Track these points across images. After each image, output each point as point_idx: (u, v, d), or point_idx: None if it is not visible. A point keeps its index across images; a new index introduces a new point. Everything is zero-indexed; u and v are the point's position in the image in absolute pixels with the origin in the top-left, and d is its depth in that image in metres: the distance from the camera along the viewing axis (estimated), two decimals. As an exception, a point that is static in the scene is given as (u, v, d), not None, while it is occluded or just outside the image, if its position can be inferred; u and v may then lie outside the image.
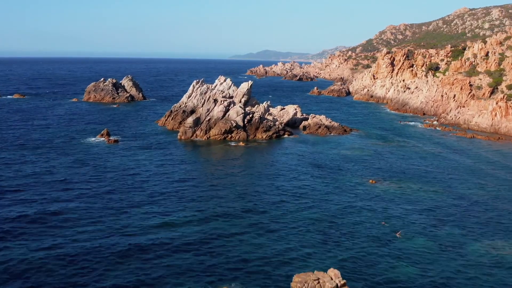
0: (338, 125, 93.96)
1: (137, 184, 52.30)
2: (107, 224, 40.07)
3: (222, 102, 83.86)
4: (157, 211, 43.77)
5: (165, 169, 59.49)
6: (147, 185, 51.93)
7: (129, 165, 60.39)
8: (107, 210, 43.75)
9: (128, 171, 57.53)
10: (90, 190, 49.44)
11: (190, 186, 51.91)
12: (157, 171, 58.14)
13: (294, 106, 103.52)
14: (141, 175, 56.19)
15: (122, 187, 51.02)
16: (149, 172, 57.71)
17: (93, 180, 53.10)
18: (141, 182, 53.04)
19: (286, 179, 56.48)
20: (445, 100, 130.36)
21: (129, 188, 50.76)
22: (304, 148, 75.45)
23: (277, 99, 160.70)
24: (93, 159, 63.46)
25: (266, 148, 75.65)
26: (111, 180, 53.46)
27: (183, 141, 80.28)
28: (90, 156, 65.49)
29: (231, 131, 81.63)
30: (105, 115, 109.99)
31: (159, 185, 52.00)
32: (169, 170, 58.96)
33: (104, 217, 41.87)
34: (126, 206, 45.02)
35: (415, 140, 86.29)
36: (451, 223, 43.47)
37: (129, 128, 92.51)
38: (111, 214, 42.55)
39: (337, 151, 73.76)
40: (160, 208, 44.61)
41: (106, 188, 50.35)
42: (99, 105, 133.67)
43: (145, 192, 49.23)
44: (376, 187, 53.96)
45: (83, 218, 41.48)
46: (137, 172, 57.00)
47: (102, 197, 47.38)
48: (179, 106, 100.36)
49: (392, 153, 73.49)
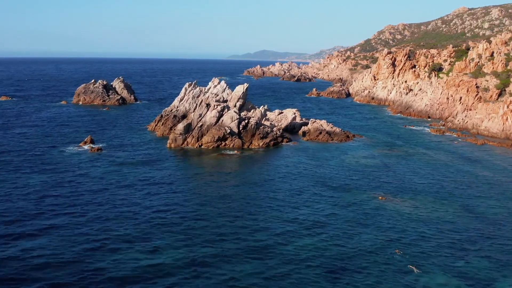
0: (340, 131, 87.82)
1: (115, 209, 45.99)
2: (80, 268, 33.00)
3: (215, 107, 77.63)
4: (141, 248, 37.51)
5: (150, 187, 53.26)
6: (127, 211, 45.68)
7: (109, 182, 53.99)
8: (81, 245, 37.48)
9: (107, 191, 51.23)
10: (61, 221, 43.11)
11: (174, 214, 45.65)
12: (140, 191, 51.89)
13: (293, 110, 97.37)
14: (122, 196, 49.92)
15: (98, 215, 44.75)
16: (132, 191, 51.45)
17: (66, 204, 46.68)
18: (120, 206, 46.78)
19: (285, 195, 50.32)
20: (451, 103, 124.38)
21: (106, 216, 44.51)
22: (304, 158, 69.26)
23: (274, 101, 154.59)
24: (70, 175, 56.95)
25: (263, 157, 69.44)
26: (85, 205, 47.11)
27: (173, 149, 74.03)
28: (67, 171, 59.07)
29: (225, 138, 75.44)
30: (92, 120, 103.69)
31: (141, 212, 45.64)
32: (153, 190, 52.72)
33: (77, 260, 34.40)
34: (101, 243, 38.74)
35: (423, 147, 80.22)
36: (474, 253, 37.35)
37: (116, 134, 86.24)
38: (86, 254, 36.26)
39: (340, 161, 67.60)
40: (145, 245, 38.37)
41: (79, 219, 44.08)
42: (89, 108, 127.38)
43: (123, 223, 42.89)
44: (387, 205, 47.82)
45: (49, 264, 33.59)
46: (117, 193, 50.63)
47: (74, 229, 41.05)
48: (170, 110, 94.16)
49: (400, 163, 67.37)
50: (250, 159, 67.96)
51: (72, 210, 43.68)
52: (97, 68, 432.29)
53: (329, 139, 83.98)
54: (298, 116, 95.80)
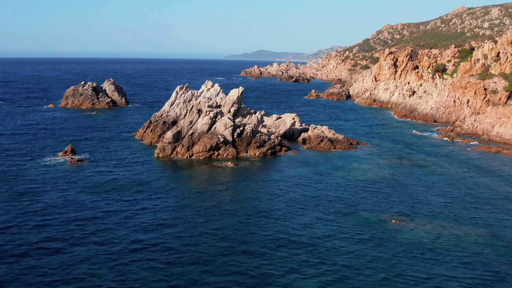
0: (342, 138, 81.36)
1: (89, 237, 39.46)
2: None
3: (208, 113, 71.06)
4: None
5: (130, 207, 46.74)
6: (100, 240, 39.13)
7: (84, 204, 47.35)
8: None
9: (80, 216, 44.70)
10: (26, 253, 36.57)
11: (156, 250, 39.18)
12: (118, 214, 45.36)
13: (292, 115, 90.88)
14: (96, 222, 43.35)
15: (69, 241, 38.21)
16: (108, 214, 44.91)
17: (34, 231, 40.17)
18: (93, 235, 40.25)
19: (283, 219, 43.85)
20: (458, 106, 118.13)
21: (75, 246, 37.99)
22: (304, 171, 62.71)
23: (272, 104, 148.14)
24: (42, 191, 50.40)
25: (259, 170, 62.86)
26: (56, 229, 40.61)
27: (160, 160, 67.47)
28: (40, 188, 52.48)
29: (217, 147, 68.90)
30: (78, 125, 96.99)
31: (119, 242, 39.14)
32: (133, 215, 46.20)
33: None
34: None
35: (434, 157, 73.82)
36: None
37: (100, 141, 79.61)
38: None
39: (345, 174, 61.09)
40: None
41: (51, 244, 37.54)
42: (76, 112, 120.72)
43: (96, 258, 36.39)
44: (402, 231, 41.36)
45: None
46: (93, 217, 43.99)
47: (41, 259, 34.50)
48: (160, 115, 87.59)
49: (411, 176, 60.88)
50: (245, 172, 61.38)
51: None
52: (93, 68, 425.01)
53: (331, 147, 77.52)
54: (298, 122, 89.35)
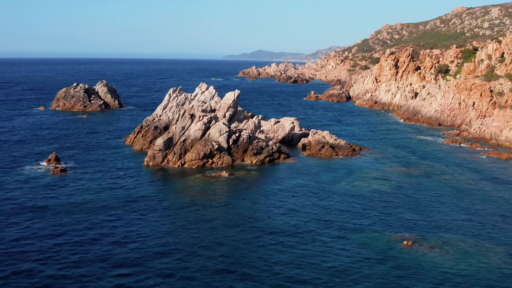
0: (345, 144, 76.89)
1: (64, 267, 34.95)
2: None
3: (201, 118, 66.52)
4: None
5: (114, 230, 42.26)
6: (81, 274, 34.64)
7: (60, 225, 42.90)
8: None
9: (58, 237, 40.20)
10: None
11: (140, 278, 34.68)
12: (99, 243, 40.87)
13: (291, 119, 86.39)
14: (72, 252, 38.86)
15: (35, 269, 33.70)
16: (86, 242, 40.40)
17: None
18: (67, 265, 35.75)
19: (280, 238, 39.37)
20: (463, 109, 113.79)
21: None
22: (305, 181, 58.17)
23: (270, 107, 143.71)
24: (9, 211, 45.80)
25: (256, 180, 58.31)
26: (23, 257, 36.10)
27: (150, 168, 62.94)
28: (8, 207, 47.96)
29: (212, 155, 64.37)
30: (66, 130, 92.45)
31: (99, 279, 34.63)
32: (114, 243, 41.71)
33: None
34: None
35: (443, 164, 69.37)
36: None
37: (87, 148, 75.08)
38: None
39: (348, 185, 56.57)
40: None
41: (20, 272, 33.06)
42: (67, 115, 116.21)
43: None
44: (415, 255, 36.87)
45: None
46: (69, 240, 39.50)
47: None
48: (151, 119, 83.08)
49: (420, 188, 56.37)
50: (241, 182, 56.84)
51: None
52: (90, 69, 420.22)
53: (333, 153, 73.00)
54: (297, 126, 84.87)
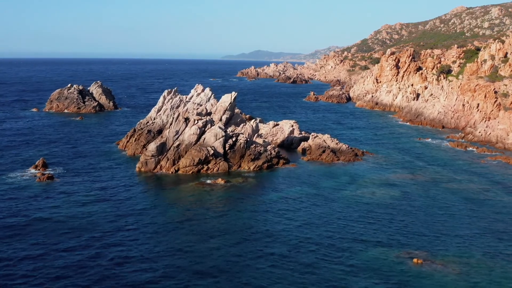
0: (347, 148, 73.71)
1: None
2: None
3: (196, 122, 63.29)
4: None
5: (100, 245, 39.04)
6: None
7: (38, 244, 39.73)
8: None
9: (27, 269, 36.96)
10: None
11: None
12: (85, 271, 37.65)
13: (291, 122, 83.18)
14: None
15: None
16: (69, 258, 37.20)
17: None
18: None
19: (279, 255, 36.20)
20: (467, 110, 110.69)
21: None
22: (305, 188, 54.95)
23: (269, 108, 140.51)
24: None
25: (253, 188, 55.08)
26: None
27: (142, 175, 59.70)
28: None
29: (207, 161, 61.16)
30: (58, 133, 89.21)
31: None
32: (102, 255, 38.47)
33: None
34: None
35: (450, 170, 66.19)
36: None
37: (78, 152, 71.84)
38: None
39: (351, 194, 53.37)
40: None
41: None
42: (60, 117, 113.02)
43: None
44: (426, 274, 33.70)
45: None
46: (47, 265, 36.33)
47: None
48: (145, 123, 79.85)
49: (428, 196, 53.17)
50: (237, 190, 53.62)
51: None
52: (88, 69, 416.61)
53: (334, 158, 69.82)
54: (297, 129, 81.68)
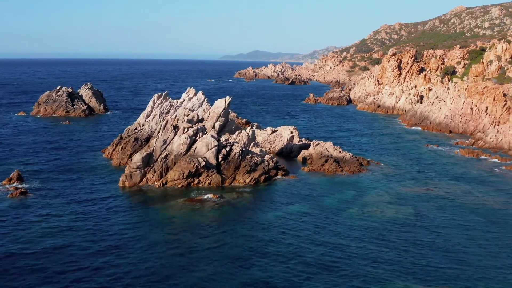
0: (350, 157, 68.01)
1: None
2: None
3: (186, 130, 57.51)
4: None
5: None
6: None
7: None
8: None
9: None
10: None
11: None
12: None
13: (290, 128, 77.47)
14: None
15: None
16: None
17: None
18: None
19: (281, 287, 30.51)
20: (476, 114, 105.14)
21: None
22: (306, 206, 49.13)
23: (267, 111, 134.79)
24: None
25: (248, 206, 49.26)
26: None
27: (127, 190, 53.88)
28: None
29: (198, 173, 55.39)
30: (41, 139, 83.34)
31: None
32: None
33: None
34: None
35: (463, 182, 60.45)
36: None
37: (59, 162, 66.00)
38: None
39: (358, 213, 47.58)
40: None
41: None
42: (47, 121, 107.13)
43: None
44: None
45: None
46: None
47: None
48: (133, 129, 74.05)
49: (443, 216, 47.33)
50: (231, 209, 47.84)
51: None
52: (84, 70, 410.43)
53: (338, 169, 64.07)
54: (296, 136, 75.97)
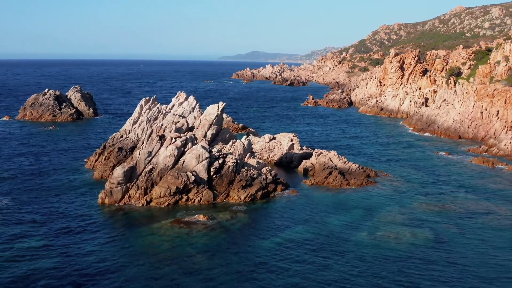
0: (357, 168, 61.78)
1: None
2: None
3: (173, 141, 51.26)
4: None
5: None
6: None
7: None
8: None
9: None
10: None
11: None
12: None
13: (290, 136, 71.21)
14: None
15: None
16: None
17: None
18: None
19: None
20: (486, 118, 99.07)
21: None
22: (309, 230, 42.80)
23: (265, 115, 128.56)
24: None
25: (244, 229, 42.93)
26: None
27: (106, 209, 47.61)
28: None
29: (187, 189, 49.14)
30: (21, 147, 77.02)
31: None
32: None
33: None
34: None
35: (482, 196, 54.34)
36: None
37: (36, 174, 59.67)
38: None
39: (370, 238, 41.28)
40: None
41: None
42: (32, 126, 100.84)
43: None
44: None
45: None
46: None
47: None
48: (118, 137, 67.75)
49: (468, 241, 41.18)
50: (222, 234, 41.44)
51: None
52: (79, 71, 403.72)
53: (343, 182, 57.81)
54: (297, 144, 69.74)
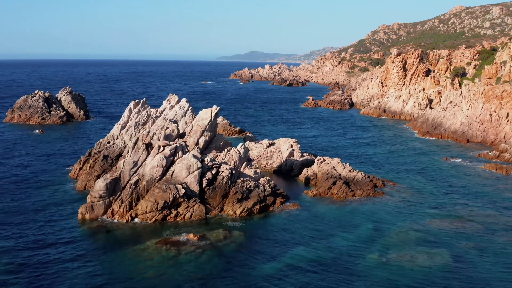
0: (362, 177, 56.98)
1: None
2: None
3: (161, 149, 46.42)
4: None
5: None
6: None
7: None
8: None
9: None
10: None
11: None
12: None
13: (290, 141, 66.35)
14: None
15: None
16: None
17: None
18: None
19: None
20: (495, 121, 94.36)
21: None
22: (312, 251, 37.94)
23: (263, 118, 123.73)
24: None
25: (239, 251, 38.04)
26: None
27: (87, 224, 42.79)
28: None
29: (176, 203, 44.31)
30: (3, 153, 72.18)
31: None
32: None
33: None
34: None
35: (499, 208, 49.48)
36: None
37: (14, 185, 54.82)
38: None
39: (381, 260, 36.49)
40: None
41: None
42: (19, 129, 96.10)
43: None
44: None
45: None
46: None
47: None
48: (105, 143, 62.86)
49: (491, 264, 36.45)
50: (214, 257, 36.49)
51: None
52: (76, 71, 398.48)
53: (349, 193, 53.01)
54: (297, 150, 64.90)
